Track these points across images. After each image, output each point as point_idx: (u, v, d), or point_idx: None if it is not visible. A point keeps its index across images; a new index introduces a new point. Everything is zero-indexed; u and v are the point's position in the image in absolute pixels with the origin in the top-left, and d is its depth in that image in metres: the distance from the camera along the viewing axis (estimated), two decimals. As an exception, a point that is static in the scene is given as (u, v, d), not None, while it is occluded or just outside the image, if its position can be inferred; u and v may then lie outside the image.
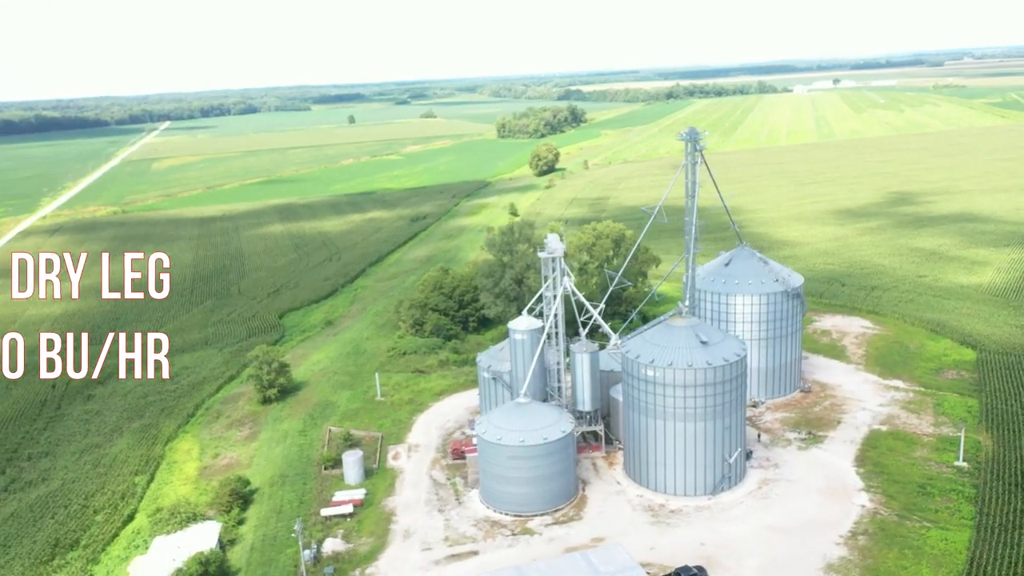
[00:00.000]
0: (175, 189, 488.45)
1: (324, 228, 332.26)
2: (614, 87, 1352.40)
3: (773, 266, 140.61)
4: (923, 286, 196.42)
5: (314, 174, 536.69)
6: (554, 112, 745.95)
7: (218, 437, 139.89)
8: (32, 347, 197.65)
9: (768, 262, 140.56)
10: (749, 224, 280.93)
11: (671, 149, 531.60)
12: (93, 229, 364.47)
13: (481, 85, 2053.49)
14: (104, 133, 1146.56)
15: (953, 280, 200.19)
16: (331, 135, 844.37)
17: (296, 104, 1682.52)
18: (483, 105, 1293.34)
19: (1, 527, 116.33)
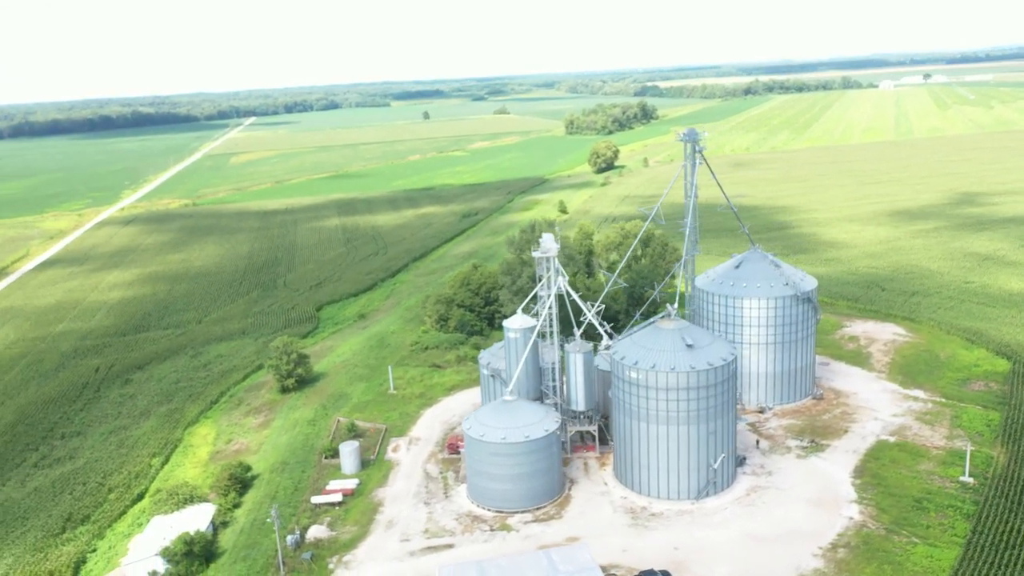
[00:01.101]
0: (246, 183, 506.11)
1: (377, 223, 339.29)
2: (691, 83, 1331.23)
3: (785, 269, 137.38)
4: (968, 292, 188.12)
5: (380, 169, 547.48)
6: (623, 109, 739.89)
7: (235, 424, 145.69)
8: (85, 332, 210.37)
9: (780, 265, 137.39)
10: (800, 224, 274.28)
11: (736, 147, 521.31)
12: (164, 220, 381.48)
13: (559, 81, 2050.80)
14: (193, 128, 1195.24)
15: (1003, 287, 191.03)
16: (404, 131, 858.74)
17: (376, 100, 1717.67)
18: (558, 101, 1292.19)
19: (24, 500, 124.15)
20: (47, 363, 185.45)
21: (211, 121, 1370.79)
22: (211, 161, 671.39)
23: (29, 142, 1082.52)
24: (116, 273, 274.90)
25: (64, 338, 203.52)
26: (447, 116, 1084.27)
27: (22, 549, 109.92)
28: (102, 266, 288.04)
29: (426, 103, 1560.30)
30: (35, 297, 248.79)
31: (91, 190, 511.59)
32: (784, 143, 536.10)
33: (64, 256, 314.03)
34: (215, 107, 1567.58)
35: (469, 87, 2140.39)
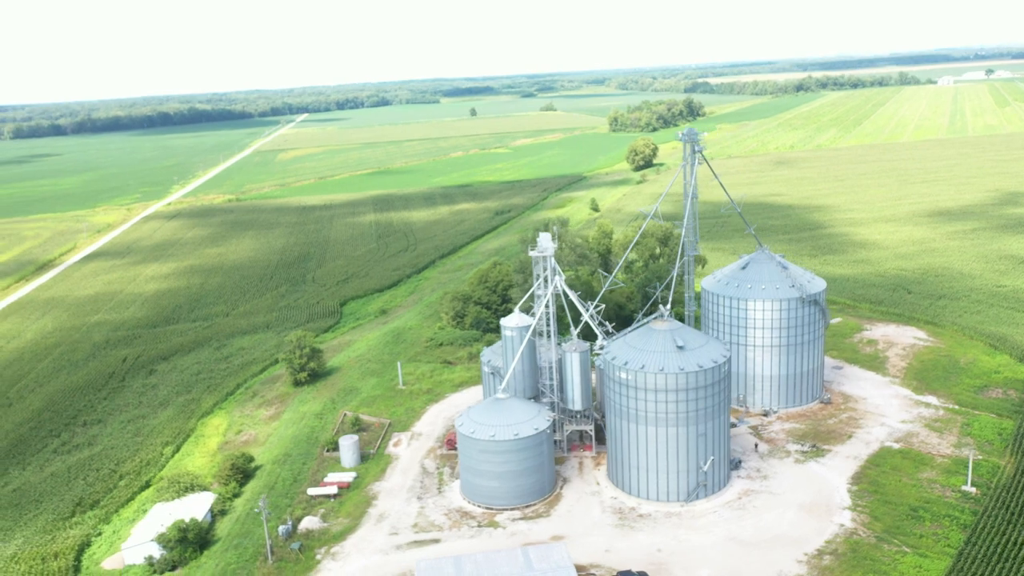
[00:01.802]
0: (290, 179, 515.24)
1: (411, 219, 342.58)
2: (742, 79, 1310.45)
3: (793, 271, 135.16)
4: (999, 296, 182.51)
5: (422, 166, 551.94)
6: (669, 105, 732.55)
7: (247, 415, 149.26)
8: (118, 323, 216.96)
9: (788, 267, 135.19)
10: (833, 224, 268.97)
11: (780, 145, 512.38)
12: (206, 215, 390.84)
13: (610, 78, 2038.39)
14: (247, 125, 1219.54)
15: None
16: (449, 128, 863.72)
17: (426, 97, 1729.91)
18: (607, 98, 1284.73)
19: (41, 484, 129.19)
20: (79, 353, 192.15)
21: (264, 118, 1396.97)
22: (260, 157, 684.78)
23: (91, 138, 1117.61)
24: (155, 266, 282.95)
25: (98, 329, 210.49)
26: (494, 113, 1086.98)
27: (32, 531, 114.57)
28: (142, 259, 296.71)
29: (475, 100, 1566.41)
30: (76, 288, 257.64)
31: (142, 185, 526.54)
32: (831, 141, 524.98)
33: (108, 249, 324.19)
34: (269, 104, 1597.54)
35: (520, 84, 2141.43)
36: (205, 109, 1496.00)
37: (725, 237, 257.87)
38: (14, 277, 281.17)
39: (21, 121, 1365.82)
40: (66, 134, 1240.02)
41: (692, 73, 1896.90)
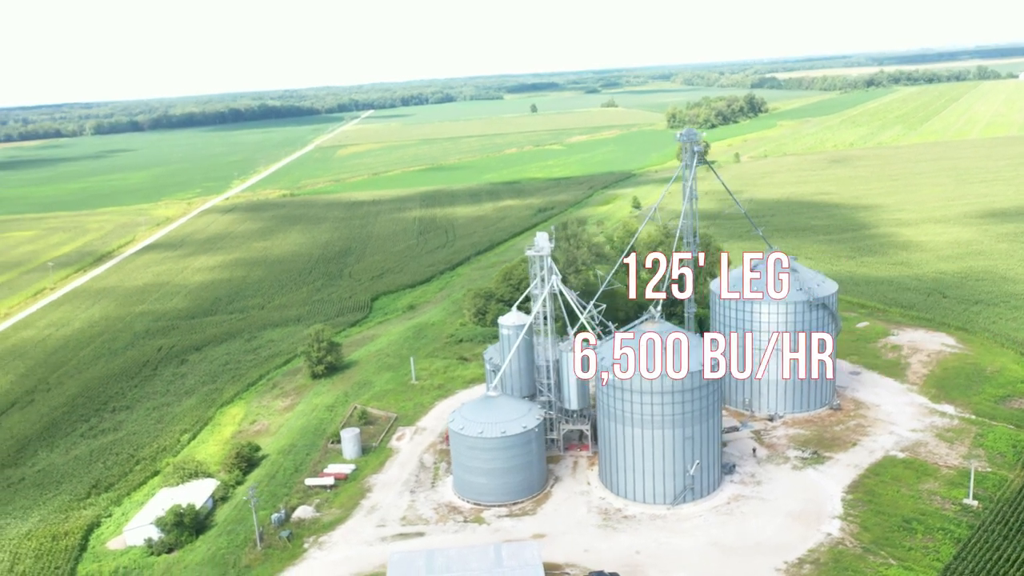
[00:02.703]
0: (345, 175, 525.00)
1: (455, 215, 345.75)
2: (811, 74, 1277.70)
3: (803, 273, 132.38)
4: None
5: (475, 162, 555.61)
6: (729, 102, 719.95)
7: (263, 406, 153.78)
8: (160, 313, 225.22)
9: (798, 269, 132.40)
10: (879, 224, 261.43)
11: (839, 142, 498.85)
12: (260, 209, 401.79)
13: (676, 73, 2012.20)
14: (314, 121, 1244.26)
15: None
16: (508, 124, 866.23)
17: (490, 93, 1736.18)
18: (671, 94, 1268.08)
19: (64, 465, 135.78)
20: (119, 341, 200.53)
21: (331, 114, 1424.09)
22: (320, 153, 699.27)
23: (166, 134, 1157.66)
24: (203, 258, 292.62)
25: (140, 319, 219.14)
26: (555, 109, 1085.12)
27: (49, 510, 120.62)
28: (193, 251, 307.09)
29: (539, 96, 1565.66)
30: (127, 279, 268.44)
31: (205, 180, 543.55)
32: (894, 139, 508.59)
33: (164, 241, 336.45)
34: (336, 100, 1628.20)
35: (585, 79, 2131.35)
36: (275, 105, 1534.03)
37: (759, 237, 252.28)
38: (73, 267, 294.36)
39: (103, 118, 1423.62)
40: (143, 130, 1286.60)
41: (761, 68, 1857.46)
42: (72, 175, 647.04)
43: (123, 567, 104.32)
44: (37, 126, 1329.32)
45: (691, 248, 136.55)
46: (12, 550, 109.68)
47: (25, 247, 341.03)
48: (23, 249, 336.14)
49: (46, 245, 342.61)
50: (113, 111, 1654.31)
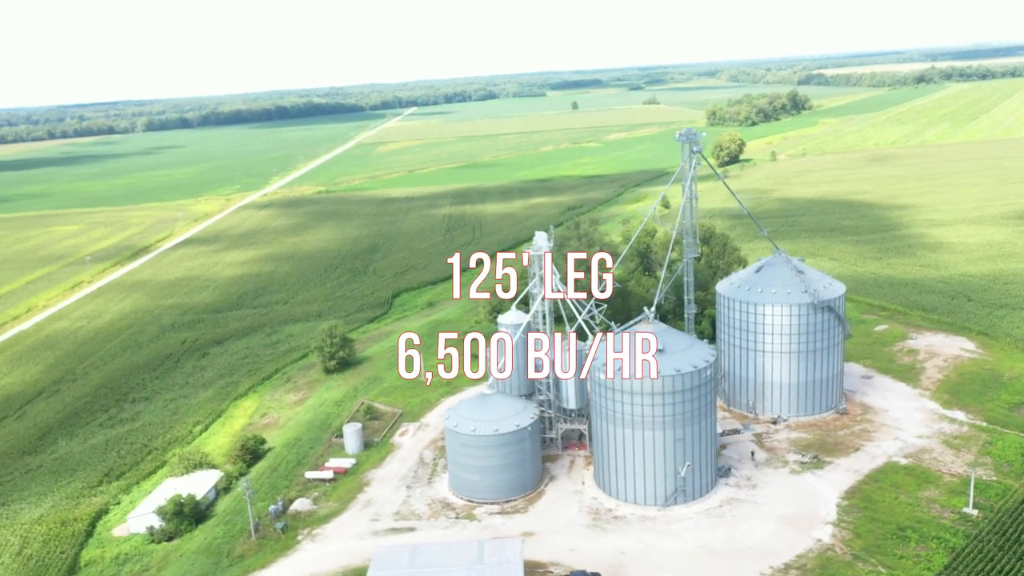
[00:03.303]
0: (381, 171, 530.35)
1: (484, 212, 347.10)
2: (860, 71, 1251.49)
3: (809, 275, 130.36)
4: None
5: (510, 160, 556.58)
6: (771, 99, 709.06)
7: (275, 399, 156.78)
8: (188, 307, 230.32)
9: (804, 271, 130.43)
10: (912, 225, 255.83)
11: (881, 140, 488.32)
12: (295, 205, 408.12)
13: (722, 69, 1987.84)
14: (358, 118, 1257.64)
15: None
16: (548, 121, 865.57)
17: (533, 90, 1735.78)
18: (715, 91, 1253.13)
19: (80, 454, 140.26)
20: (146, 334, 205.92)
21: (375, 111, 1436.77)
22: (360, 150, 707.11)
23: (213, 130, 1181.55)
24: (235, 253, 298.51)
25: (168, 312, 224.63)
26: (596, 107, 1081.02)
27: (61, 497, 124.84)
28: (226, 247, 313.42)
29: (582, 93, 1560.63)
30: (160, 273, 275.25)
31: (246, 176, 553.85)
32: (938, 136, 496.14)
33: (199, 236, 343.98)
34: (380, 98, 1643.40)
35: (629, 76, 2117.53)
36: (321, 103, 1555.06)
37: (791, 237, 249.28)
38: (111, 261, 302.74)
39: (155, 115, 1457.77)
40: (192, 127, 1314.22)
41: (810, 64, 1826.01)
42: (120, 171, 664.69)
43: (124, 554, 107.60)
44: (92, 123, 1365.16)
45: (690, 249, 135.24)
46: (23, 534, 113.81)
47: (68, 241, 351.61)
48: (66, 243, 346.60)
49: (88, 239, 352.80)
50: (165, 108, 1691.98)
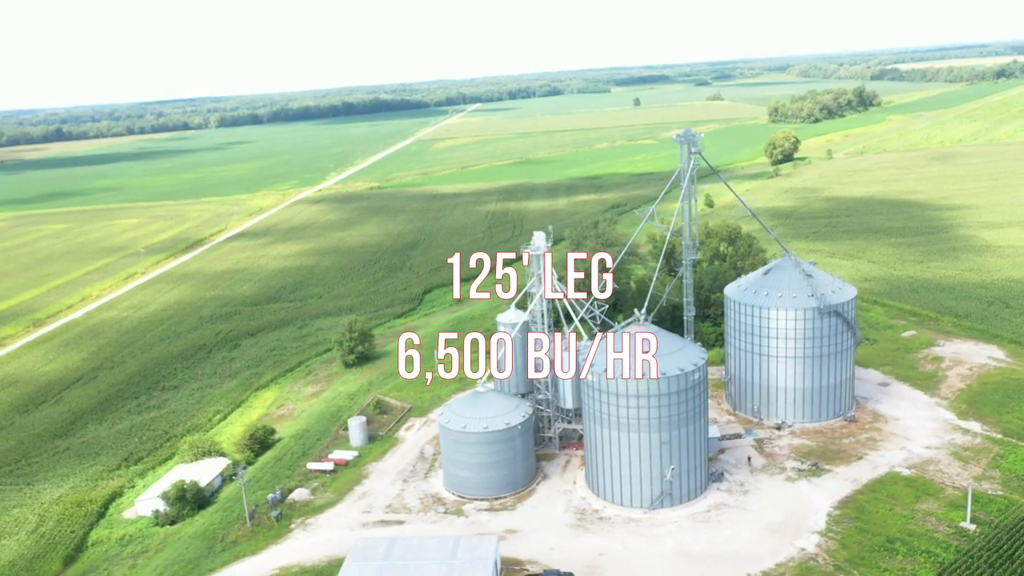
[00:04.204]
0: (435, 168, 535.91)
1: (527, 209, 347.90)
2: (936, 65, 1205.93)
3: (819, 279, 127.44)
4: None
5: (563, 157, 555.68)
6: (836, 95, 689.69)
7: (293, 391, 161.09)
8: (228, 299, 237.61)
9: (812, 275, 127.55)
10: (960, 227, 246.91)
11: (947, 138, 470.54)
12: (346, 201, 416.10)
13: (793, 64, 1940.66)
14: (422, 114, 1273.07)
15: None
16: (608, 118, 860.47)
17: (598, 86, 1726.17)
18: (784, 86, 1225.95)
19: (106, 438, 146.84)
20: (185, 325, 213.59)
21: (439, 107, 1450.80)
22: (418, 146, 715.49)
23: (282, 127, 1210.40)
24: (282, 247, 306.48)
25: (210, 304, 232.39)
26: (659, 103, 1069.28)
27: (82, 479, 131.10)
28: (274, 240, 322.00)
29: (647, 89, 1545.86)
30: (209, 265, 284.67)
31: (304, 171, 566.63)
32: (1009, 135, 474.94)
33: (252, 230, 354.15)
34: (446, 94, 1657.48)
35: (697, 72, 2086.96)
36: (387, 99, 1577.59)
37: (832, 238, 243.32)
38: (165, 253, 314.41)
39: (228, 111, 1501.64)
40: (262, 123, 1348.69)
41: (886, 58, 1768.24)
42: (189, 166, 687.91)
43: (129, 535, 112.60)
44: (168, 119, 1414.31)
45: (689, 251, 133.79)
46: (41, 512, 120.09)
47: (129, 233, 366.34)
48: (126, 235, 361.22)
49: (148, 232, 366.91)
50: (239, 105, 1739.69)
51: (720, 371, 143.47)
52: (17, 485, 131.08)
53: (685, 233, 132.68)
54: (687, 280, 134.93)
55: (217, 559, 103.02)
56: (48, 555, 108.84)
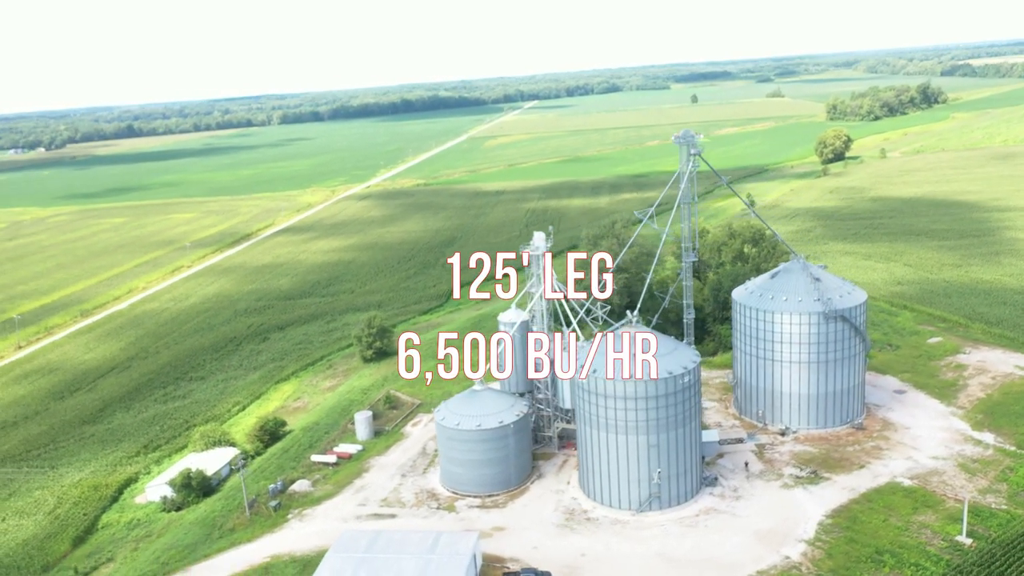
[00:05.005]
0: (483, 165, 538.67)
1: (568, 207, 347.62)
2: (1011, 60, 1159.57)
3: (827, 283, 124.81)
4: None
5: (613, 154, 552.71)
6: (899, 92, 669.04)
7: (311, 384, 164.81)
8: (263, 292, 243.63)
9: (821, 279, 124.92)
10: (1008, 228, 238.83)
11: (1011, 137, 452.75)
12: (391, 197, 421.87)
13: (861, 60, 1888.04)
14: (479, 111, 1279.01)
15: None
16: (662, 115, 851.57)
17: (658, 83, 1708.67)
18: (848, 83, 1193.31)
19: (130, 425, 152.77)
20: (220, 317, 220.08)
21: (496, 104, 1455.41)
22: (469, 143, 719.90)
23: (341, 124, 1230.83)
24: (323, 242, 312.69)
25: (246, 297, 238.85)
26: (717, 100, 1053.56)
27: (103, 464, 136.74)
28: (318, 236, 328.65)
29: (707, 86, 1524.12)
30: (251, 260, 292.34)
31: (356, 168, 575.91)
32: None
33: (298, 225, 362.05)
34: (504, 91, 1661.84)
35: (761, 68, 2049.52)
36: (446, 96, 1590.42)
37: (871, 239, 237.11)
38: (212, 247, 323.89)
39: (291, 108, 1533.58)
40: (323, 120, 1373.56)
41: (959, 53, 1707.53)
42: (248, 162, 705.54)
43: (137, 519, 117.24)
44: (233, 116, 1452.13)
45: (688, 253, 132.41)
46: (60, 495, 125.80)
47: (181, 228, 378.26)
48: (179, 229, 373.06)
49: (199, 226, 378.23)
50: (302, 102, 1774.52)
51: (728, 375, 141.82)
52: (43, 468, 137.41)
53: (684, 235, 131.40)
54: (687, 283, 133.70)
55: (214, 545, 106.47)
56: (59, 536, 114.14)
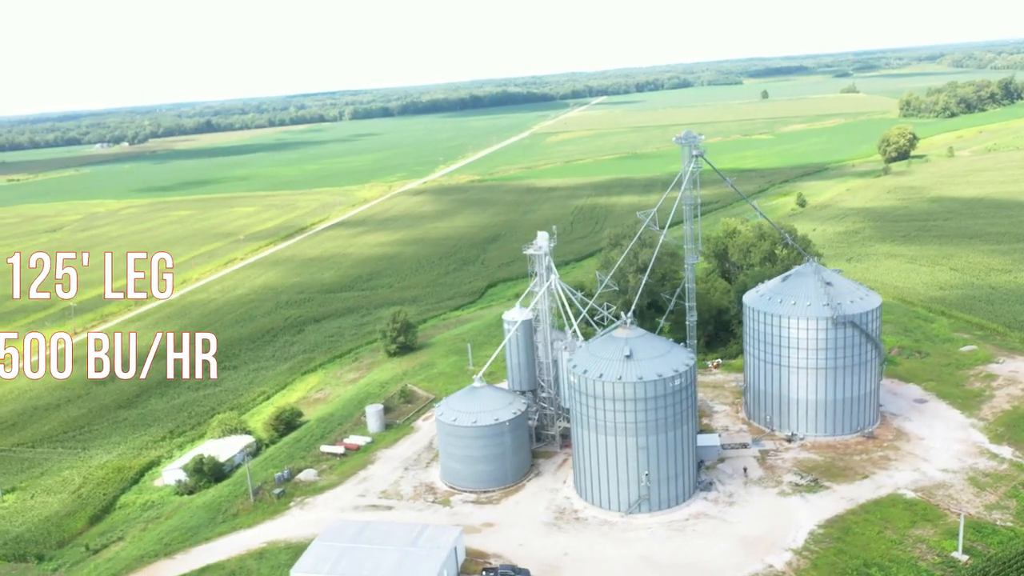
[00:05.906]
0: (540, 162, 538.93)
1: (616, 204, 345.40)
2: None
3: (839, 287, 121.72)
4: None
5: (672, 151, 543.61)
6: (977, 88, 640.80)
7: (335, 377, 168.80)
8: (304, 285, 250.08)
9: (832, 283, 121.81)
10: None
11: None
12: (445, 193, 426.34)
13: (947, 53, 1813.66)
14: (545, 107, 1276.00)
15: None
16: (729, 111, 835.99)
17: (730, 78, 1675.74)
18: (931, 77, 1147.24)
19: (161, 411, 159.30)
20: (262, 308, 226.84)
21: (564, 100, 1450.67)
22: (531, 140, 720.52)
23: (410, 119, 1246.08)
24: (372, 236, 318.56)
25: (290, 289, 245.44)
26: (787, 95, 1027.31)
27: (130, 447, 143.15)
28: (368, 230, 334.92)
29: (780, 81, 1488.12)
30: (302, 252, 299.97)
31: (416, 164, 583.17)
32: None
33: (351, 220, 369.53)
34: (573, 86, 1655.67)
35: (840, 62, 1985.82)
36: (515, 92, 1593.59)
37: (921, 242, 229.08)
38: (268, 240, 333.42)
39: (362, 104, 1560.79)
40: (393, 115, 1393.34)
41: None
42: (315, 157, 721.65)
43: (151, 501, 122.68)
44: (307, 111, 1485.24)
45: (690, 255, 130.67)
46: (86, 475, 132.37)
47: (241, 221, 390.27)
48: (239, 222, 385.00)
49: (258, 220, 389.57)
50: (374, 98, 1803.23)
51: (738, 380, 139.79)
52: (75, 449, 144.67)
53: (687, 237, 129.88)
54: (689, 285, 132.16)
55: (216, 529, 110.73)
56: (78, 514, 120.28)
